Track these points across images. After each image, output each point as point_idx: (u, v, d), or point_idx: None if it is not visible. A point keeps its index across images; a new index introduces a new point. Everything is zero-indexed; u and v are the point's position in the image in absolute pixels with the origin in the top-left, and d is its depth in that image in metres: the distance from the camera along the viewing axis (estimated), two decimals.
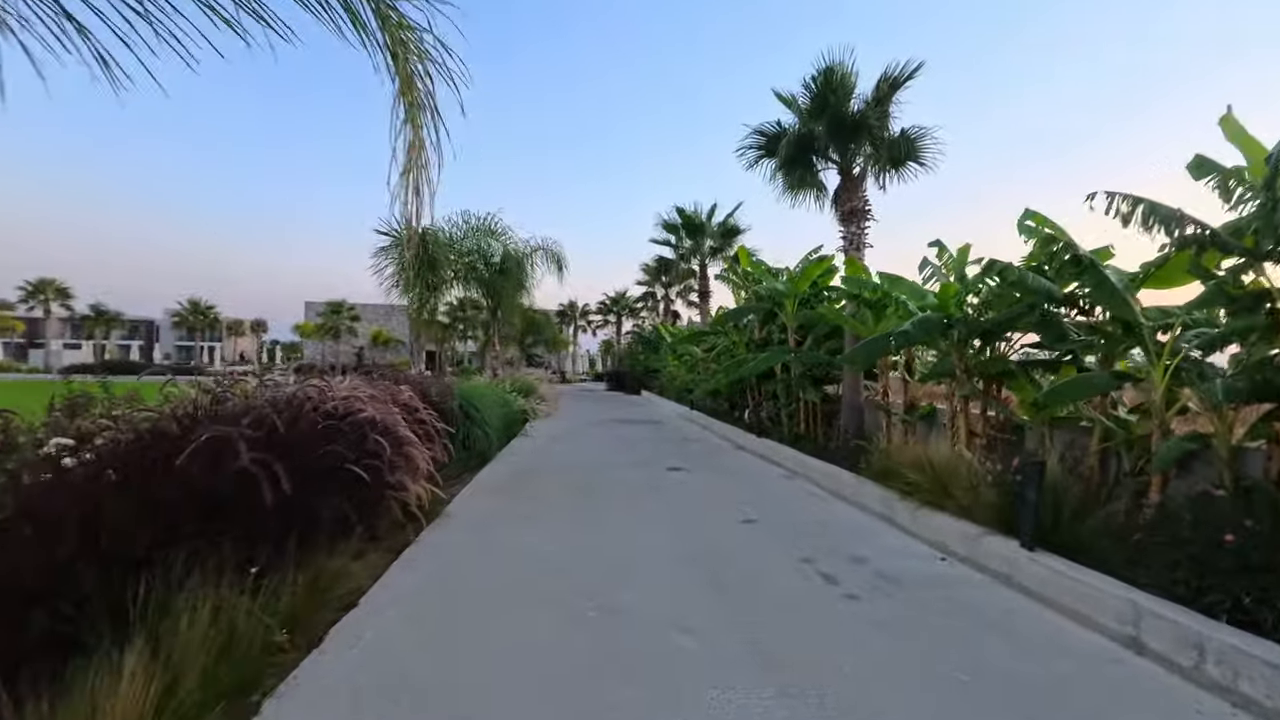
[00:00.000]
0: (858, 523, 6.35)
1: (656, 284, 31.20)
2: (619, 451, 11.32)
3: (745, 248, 12.01)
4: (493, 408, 11.41)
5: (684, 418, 17.98)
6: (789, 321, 10.60)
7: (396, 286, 9.40)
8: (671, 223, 18.95)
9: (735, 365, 10.96)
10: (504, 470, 8.96)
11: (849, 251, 8.72)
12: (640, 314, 39.83)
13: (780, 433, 10.62)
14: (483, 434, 9.38)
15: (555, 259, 16.45)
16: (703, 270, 19.09)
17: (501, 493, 7.50)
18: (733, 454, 11.15)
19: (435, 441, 6.62)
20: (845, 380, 8.85)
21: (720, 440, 13.04)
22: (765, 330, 12.01)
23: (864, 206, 8.75)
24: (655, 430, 15.20)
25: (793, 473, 9.04)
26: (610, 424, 16.54)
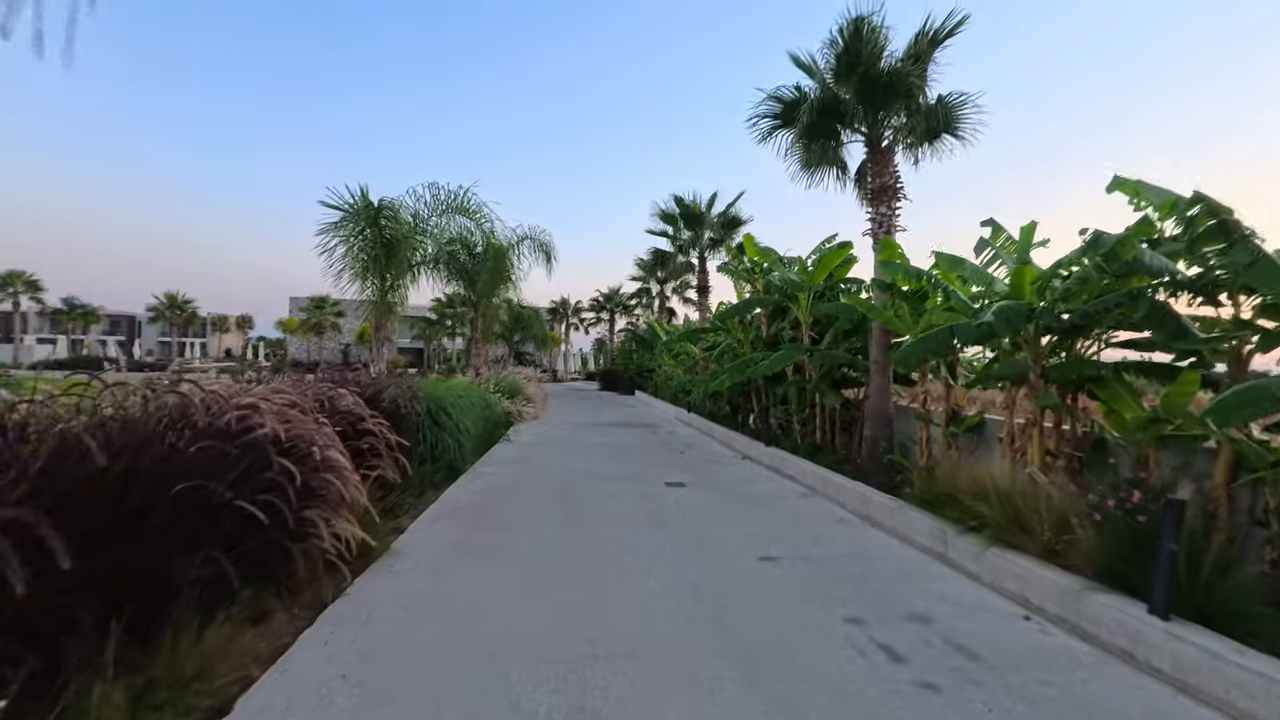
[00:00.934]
0: (904, 560, 5.15)
1: (651, 280, 29.84)
2: (610, 461, 10.09)
3: (751, 236, 10.82)
4: (469, 412, 10.17)
5: (681, 421, 16.78)
6: (803, 317, 9.41)
7: (348, 270, 8.09)
8: (669, 212, 17.69)
9: (741, 366, 9.76)
10: (477, 487, 7.72)
11: (877, 234, 7.54)
12: (634, 311, 38.52)
13: (793, 442, 9.43)
14: (454, 443, 8.13)
15: (543, 249, 15.22)
16: (702, 264, 17.87)
17: (468, 518, 6.26)
18: (738, 465, 9.95)
19: (386, 457, 5.38)
20: (872, 384, 7.66)
21: (722, 448, 11.84)
22: (774, 327, 10.82)
23: (895, 183, 7.57)
24: (650, 435, 13.99)
25: (811, 490, 7.85)
26: (601, 428, 15.31)
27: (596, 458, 10.44)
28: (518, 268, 15.67)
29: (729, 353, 11.12)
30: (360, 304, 10.73)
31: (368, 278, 7.98)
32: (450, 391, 9.85)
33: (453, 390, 10.17)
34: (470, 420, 9.87)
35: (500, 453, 10.71)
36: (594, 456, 10.57)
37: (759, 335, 11.25)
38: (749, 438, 11.00)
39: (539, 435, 13.43)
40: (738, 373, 9.89)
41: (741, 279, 12.10)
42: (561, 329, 52.05)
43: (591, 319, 46.93)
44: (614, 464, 9.79)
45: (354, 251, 7.65)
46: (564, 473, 8.86)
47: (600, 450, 11.32)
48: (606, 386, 34.44)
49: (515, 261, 15.52)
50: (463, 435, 8.59)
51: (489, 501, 6.97)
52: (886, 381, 7.60)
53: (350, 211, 7.41)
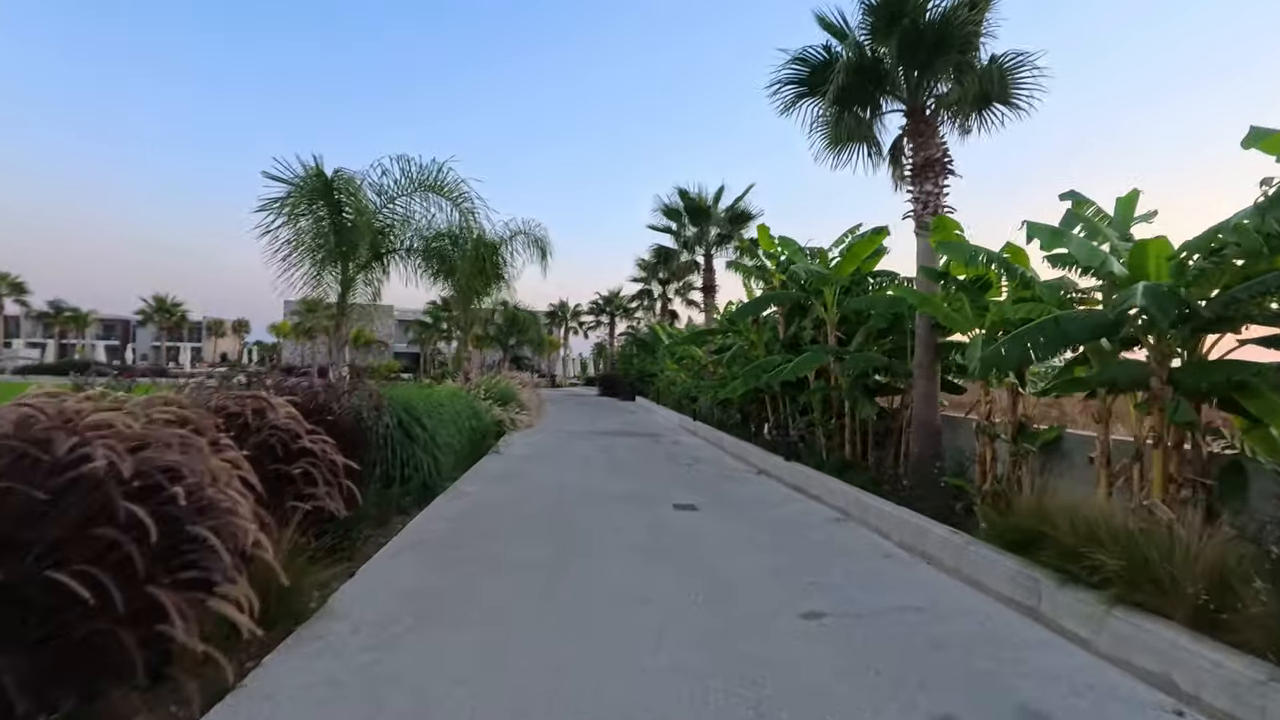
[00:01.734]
0: (984, 617, 4.04)
1: (652, 280, 28.70)
2: (609, 477, 8.98)
3: (765, 226, 9.75)
4: (452, 422, 9.07)
5: (686, 429, 15.67)
6: (828, 315, 8.32)
7: (295, 257, 6.80)
8: (672, 207, 16.58)
9: (757, 370, 8.66)
10: (453, 511, 6.60)
11: (922, 216, 6.46)
12: (635, 314, 37.41)
13: (817, 457, 8.33)
14: (429, 459, 7.02)
15: (538, 244, 14.13)
16: (708, 261, 16.75)
17: (436, 555, 5.14)
18: (754, 482, 8.83)
19: (325, 484, 4.28)
20: (916, 390, 6.57)
21: (734, 461, 10.72)
22: (792, 327, 9.74)
23: (941, 157, 6.49)
24: (653, 446, 12.87)
25: (843, 514, 6.73)
26: (600, 437, 14.20)
27: (594, 472, 9.32)
28: (510, 265, 14.59)
29: (741, 356, 10.05)
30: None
31: (321, 267, 6.79)
32: (430, 399, 8.75)
33: (433, 398, 9.08)
34: (452, 431, 8.77)
35: (487, 467, 9.60)
36: (591, 471, 9.45)
37: (775, 336, 10.16)
38: (764, 450, 9.89)
39: (532, 446, 12.31)
40: (752, 378, 8.80)
41: (753, 276, 11.02)
42: (560, 333, 50.98)
43: (591, 322, 45.87)
44: (614, 480, 8.68)
45: (302, 235, 6.50)
46: (557, 491, 7.75)
47: (598, 464, 10.20)
48: (606, 392, 33.34)
49: (507, 258, 14.45)
50: (440, 449, 7.49)
51: (465, 531, 5.85)
52: (934, 388, 6.50)
53: (299, 185, 6.28)
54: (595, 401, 29.41)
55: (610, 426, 16.81)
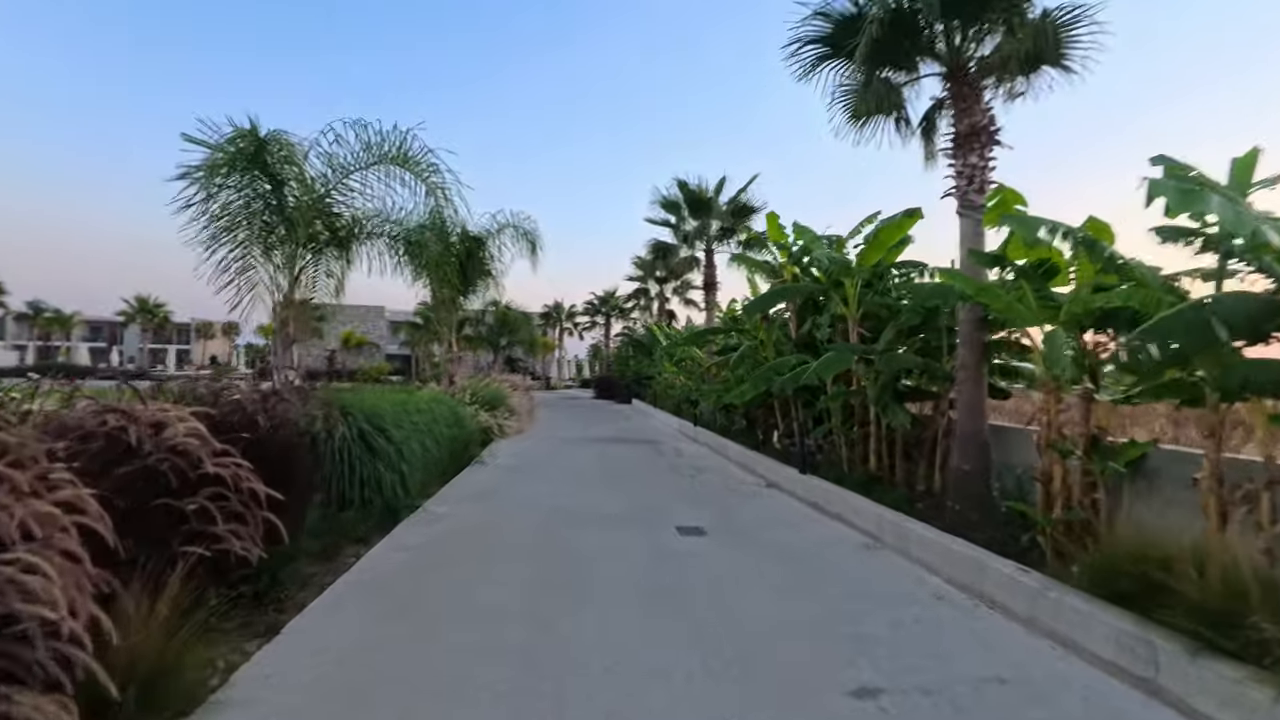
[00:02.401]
0: (1088, 695, 3.11)
1: (650, 279, 27.75)
2: (604, 491, 8.04)
3: (775, 214, 8.84)
4: (428, 430, 8.12)
5: (686, 435, 14.74)
6: (849, 310, 7.40)
7: (222, 239, 5.64)
8: (671, 199, 15.63)
9: (768, 373, 7.75)
10: (418, 539, 5.64)
11: (965, 192, 5.55)
12: (631, 315, 36.44)
13: (838, 470, 7.41)
14: (393, 477, 6.07)
15: (527, 238, 13.20)
16: (709, 257, 15.82)
17: (388, 599, 4.19)
18: (765, 497, 7.91)
19: (234, 518, 3.34)
20: (960, 396, 5.66)
21: (740, 472, 9.79)
22: (806, 324, 8.82)
23: (988, 124, 5.59)
24: (652, 454, 11.93)
25: (874, 539, 5.81)
26: (594, 444, 13.25)
27: (587, 487, 8.37)
28: (498, 260, 13.66)
29: (748, 357, 9.14)
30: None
31: (248, 250, 5.71)
32: (402, 405, 7.81)
33: (407, 404, 8.13)
34: (427, 442, 7.82)
35: (468, 481, 8.64)
36: (584, 485, 8.51)
37: (786, 336, 9.24)
38: (774, 460, 8.96)
39: (520, 455, 11.35)
40: (763, 381, 7.88)
41: (760, 272, 10.11)
42: (555, 335, 50.01)
43: (586, 323, 44.88)
44: (609, 496, 7.73)
45: (230, 212, 5.42)
46: (544, 512, 6.80)
47: (592, 476, 9.26)
48: (601, 395, 32.40)
49: (495, 253, 13.52)
50: (409, 463, 6.53)
51: (427, 567, 4.90)
52: (981, 393, 5.59)
53: (226, 152, 5.23)
54: (590, 405, 28.45)
55: (606, 432, 15.87)
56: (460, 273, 12.76)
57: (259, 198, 5.31)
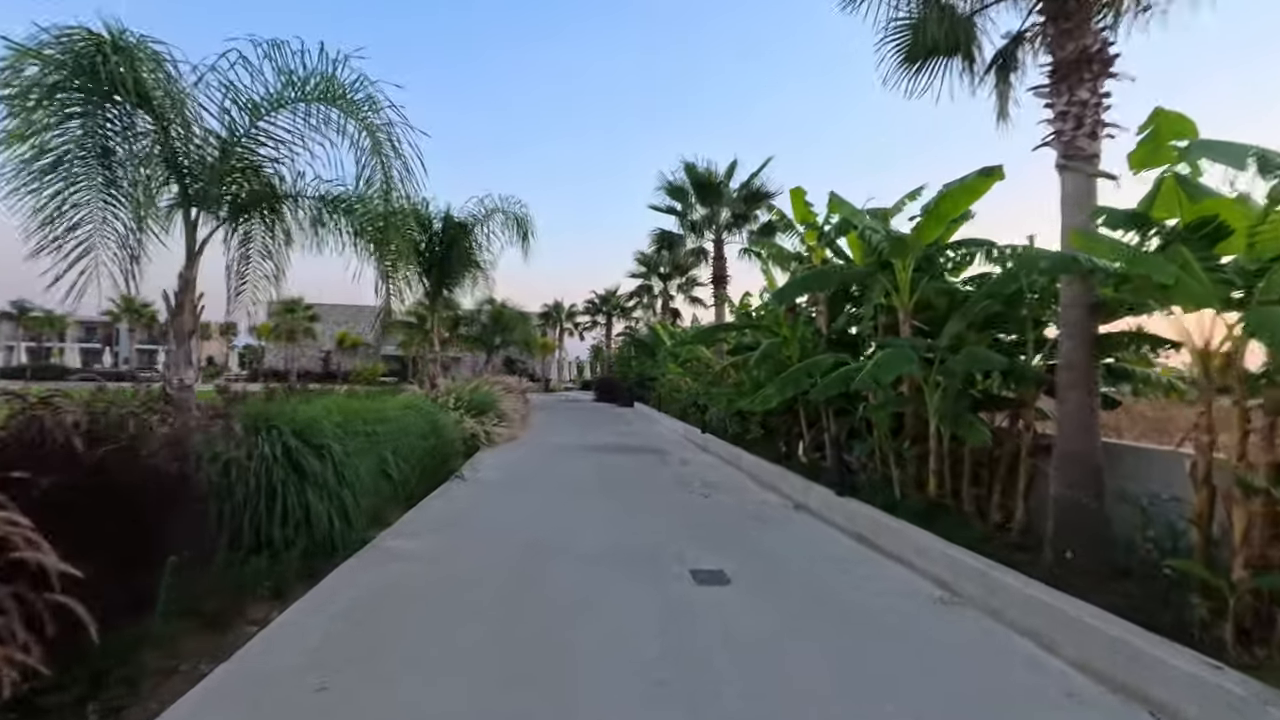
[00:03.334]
0: None
1: (653, 276, 26.39)
2: (601, 516, 6.71)
3: (801, 189, 7.53)
4: (392, 444, 6.82)
5: (694, 444, 13.39)
6: (900, 299, 6.06)
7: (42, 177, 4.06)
8: (677, 185, 14.25)
9: (798, 375, 6.43)
10: (350, 593, 4.29)
11: (1073, 138, 4.23)
12: (633, 314, 35.07)
13: (886, 494, 6.07)
14: (327, 509, 4.74)
15: (519, 224, 11.87)
16: (718, 248, 14.43)
17: (277, 705, 2.85)
18: (796, 524, 6.57)
19: None
20: (1064, 405, 4.33)
21: (760, 489, 8.45)
22: (841, 317, 7.49)
23: (1100, 50, 4.26)
24: (656, 465, 10.59)
25: (951, 592, 4.46)
26: (592, 453, 11.91)
27: (581, 509, 7.03)
28: (487, 249, 12.34)
29: (770, 357, 7.81)
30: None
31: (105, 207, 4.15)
32: (358, 416, 6.50)
33: (365, 413, 6.82)
34: (389, 457, 6.51)
35: (440, 501, 7.31)
36: (578, 507, 7.17)
37: (816, 331, 7.91)
38: (801, 476, 7.62)
39: (507, 467, 10.01)
40: (792, 385, 6.55)
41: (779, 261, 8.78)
42: (555, 335, 48.72)
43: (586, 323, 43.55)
44: (607, 522, 6.40)
45: (63, 154, 3.82)
46: (522, 547, 5.46)
47: (588, 494, 7.91)
48: (602, 397, 31.08)
49: (483, 242, 12.20)
50: (354, 487, 5.19)
51: (355, 639, 3.56)
52: (1092, 401, 4.26)
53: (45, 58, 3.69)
54: (590, 408, 27.11)
55: (605, 439, 14.52)
56: (442, 263, 11.46)
57: (114, 133, 3.93)
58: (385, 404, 8.38)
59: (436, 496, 7.59)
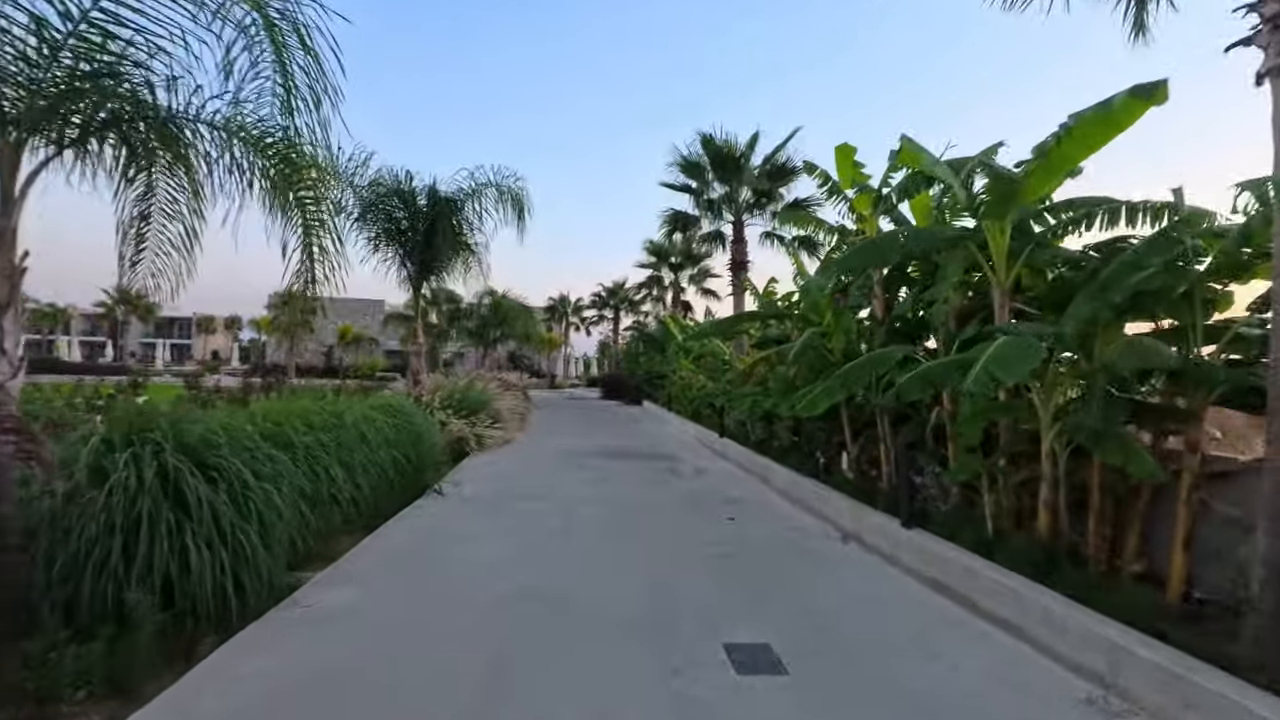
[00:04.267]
0: None
1: (663, 266, 24.92)
2: (602, 556, 5.33)
3: (850, 146, 6.10)
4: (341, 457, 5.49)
5: (708, 448, 11.99)
6: (996, 274, 4.61)
7: None
8: (692, 160, 12.72)
9: (858, 372, 5.02)
10: (221, 702, 2.93)
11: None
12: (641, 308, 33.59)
13: (975, 530, 4.63)
14: (226, 552, 3.37)
15: (514, 200, 10.48)
16: (738, 230, 12.86)
17: None
18: (854, 565, 5.15)
19: None
20: (1275, 424, 2.88)
21: (795, 510, 7.04)
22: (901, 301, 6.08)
23: None
24: (669, 477, 9.20)
25: (1126, 701, 3.03)
26: (595, 460, 10.53)
27: (577, 542, 5.64)
28: (479, 230, 10.97)
29: (812, 350, 6.39)
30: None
31: None
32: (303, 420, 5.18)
33: (310, 417, 5.50)
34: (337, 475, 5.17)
35: (405, 526, 5.96)
36: (572, 538, 5.77)
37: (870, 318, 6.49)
38: (845, 497, 6.20)
39: (496, 478, 8.65)
40: (846, 384, 5.13)
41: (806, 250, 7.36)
42: (561, 330, 47.40)
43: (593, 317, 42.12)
44: (611, 561, 5.01)
45: None
46: (503, 604, 4.08)
47: (586, 520, 6.51)
48: (609, 394, 29.70)
49: (475, 221, 10.83)
50: (269, 526, 3.83)
51: None
52: None
53: None
54: (596, 406, 25.73)
55: (610, 443, 13.13)
56: (426, 244, 10.11)
57: None
58: (352, 406, 7.07)
59: (404, 518, 6.24)
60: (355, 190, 9.86)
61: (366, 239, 10.37)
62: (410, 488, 7.16)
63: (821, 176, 6.59)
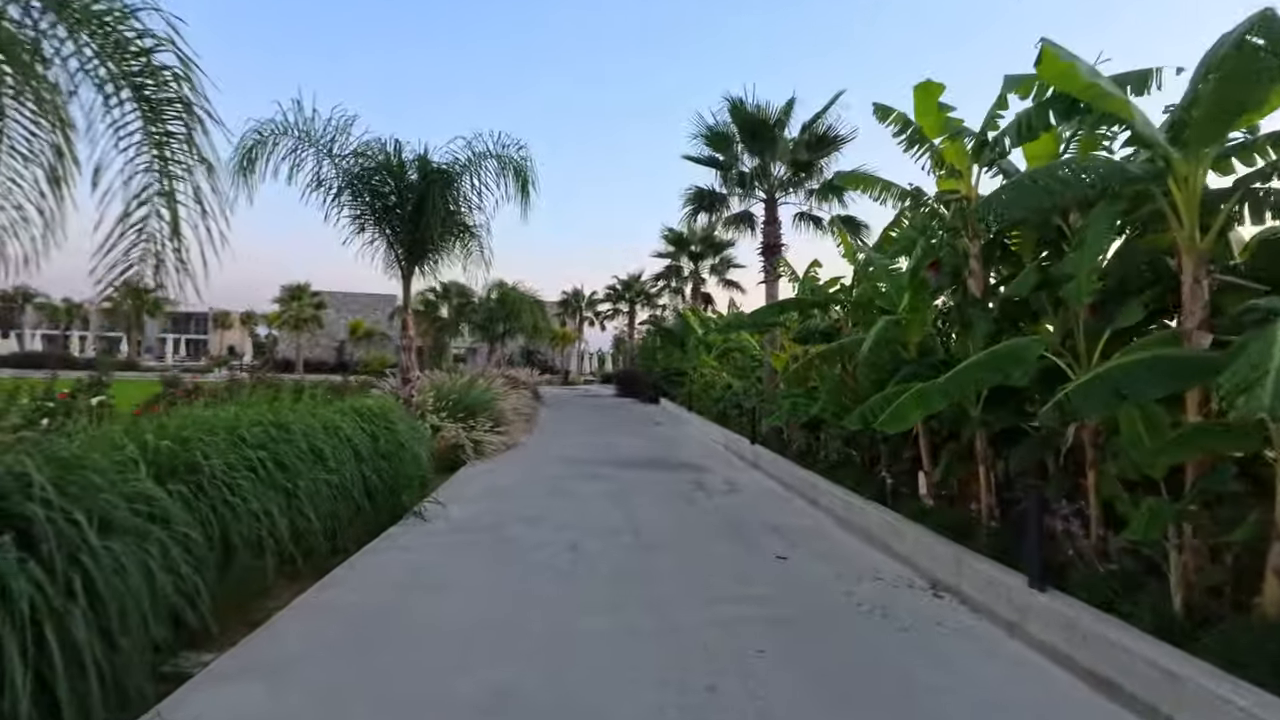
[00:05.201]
0: None
1: (682, 255, 23.40)
2: (618, 606, 3.97)
3: (934, 84, 4.68)
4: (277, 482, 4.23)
5: (740, 457, 10.59)
6: (1182, 232, 3.17)
7: None
8: (719, 129, 11.12)
9: (980, 371, 3.60)
10: None
11: None
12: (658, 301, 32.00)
13: (1159, 607, 3.19)
14: (67, 650, 2.09)
15: (516, 172, 9.15)
16: (771, 208, 11.23)
17: None
18: (967, 640, 3.73)
19: None
20: None
21: (858, 542, 5.64)
22: (1014, 278, 4.64)
23: None
24: (696, 493, 7.83)
25: None
26: (609, 470, 9.18)
27: (584, 595, 4.27)
28: (479, 208, 9.67)
29: (887, 343, 4.98)
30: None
31: None
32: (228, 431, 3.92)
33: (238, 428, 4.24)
34: (255, 512, 3.89)
35: (364, 570, 4.65)
36: (578, 588, 4.41)
37: (957, 302, 5.06)
38: (932, 534, 4.80)
39: (492, 497, 7.35)
40: (954, 389, 3.73)
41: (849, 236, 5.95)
42: (575, 325, 46.13)
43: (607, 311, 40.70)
44: (628, 636, 3.65)
45: None
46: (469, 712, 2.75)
47: (596, 557, 5.15)
48: (624, 392, 28.33)
49: (473, 198, 9.52)
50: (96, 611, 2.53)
51: None
52: None
53: None
54: (610, 404, 24.40)
55: (627, 449, 11.77)
56: (414, 221, 8.81)
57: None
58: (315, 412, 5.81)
59: (372, 552, 4.97)
60: (334, 161, 8.59)
61: (349, 218, 9.11)
62: (384, 511, 5.89)
63: (898, 121, 5.15)
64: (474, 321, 23.99)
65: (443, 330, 32.95)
